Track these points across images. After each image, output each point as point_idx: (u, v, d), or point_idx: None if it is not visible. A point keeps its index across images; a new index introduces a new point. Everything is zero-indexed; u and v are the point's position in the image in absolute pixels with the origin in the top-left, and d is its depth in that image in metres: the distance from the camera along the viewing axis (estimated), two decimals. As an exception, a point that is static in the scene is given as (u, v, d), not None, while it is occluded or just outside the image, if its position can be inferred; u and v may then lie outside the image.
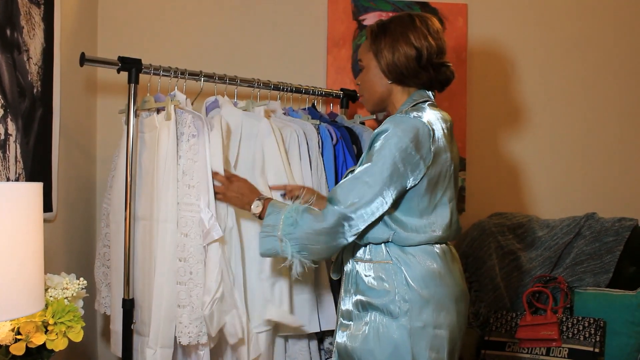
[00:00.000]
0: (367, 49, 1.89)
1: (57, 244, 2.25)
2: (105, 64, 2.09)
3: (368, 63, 1.89)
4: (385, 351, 1.71)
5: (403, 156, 1.70)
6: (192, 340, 1.92)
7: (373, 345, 1.72)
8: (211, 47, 2.80)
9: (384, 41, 1.84)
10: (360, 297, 1.77)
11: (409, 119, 1.73)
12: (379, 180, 1.69)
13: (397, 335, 1.70)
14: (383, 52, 1.84)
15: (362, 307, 1.76)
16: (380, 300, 1.73)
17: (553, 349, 2.45)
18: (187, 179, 1.95)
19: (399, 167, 1.70)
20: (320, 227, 1.71)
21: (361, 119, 2.69)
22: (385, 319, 1.72)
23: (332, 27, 2.92)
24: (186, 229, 1.94)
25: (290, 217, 1.76)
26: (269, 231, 1.78)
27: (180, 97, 2.07)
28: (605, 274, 2.62)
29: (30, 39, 1.98)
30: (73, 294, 1.65)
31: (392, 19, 1.88)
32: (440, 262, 1.78)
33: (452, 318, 1.76)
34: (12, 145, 1.86)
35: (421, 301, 1.72)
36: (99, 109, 2.72)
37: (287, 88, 2.43)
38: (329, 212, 1.71)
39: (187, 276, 1.93)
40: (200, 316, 1.93)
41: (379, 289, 1.74)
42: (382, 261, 1.76)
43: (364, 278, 1.78)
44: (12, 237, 1.33)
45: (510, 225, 2.87)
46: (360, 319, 1.76)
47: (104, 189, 2.65)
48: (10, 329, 1.52)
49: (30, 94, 1.99)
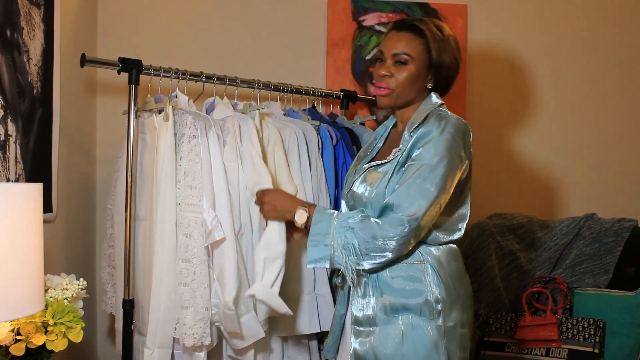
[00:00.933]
0: (421, 45, 1.79)
1: (57, 244, 2.26)
2: (106, 65, 2.10)
3: (418, 60, 1.79)
4: (422, 352, 1.67)
5: (456, 157, 1.69)
6: (196, 341, 1.92)
7: (408, 349, 1.68)
8: (211, 48, 2.80)
9: (444, 45, 1.79)
10: (388, 300, 1.71)
11: (454, 118, 1.73)
12: (439, 185, 1.66)
13: (433, 335, 1.68)
14: (443, 56, 1.79)
15: (392, 310, 1.71)
16: (414, 301, 1.70)
17: (552, 349, 2.45)
18: (189, 180, 1.95)
19: (454, 170, 1.69)
20: (382, 234, 1.64)
21: (361, 119, 2.69)
22: (420, 320, 1.69)
23: (332, 27, 2.92)
24: (189, 229, 1.93)
25: (347, 227, 1.67)
26: (318, 240, 1.70)
27: (182, 98, 2.07)
28: (604, 274, 2.62)
29: (30, 39, 1.98)
30: (73, 294, 1.65)
31: (441, 23, 1.83)
32: (461, 262, 1.80)
33: (471, 317, 1.79)
34: (12, 146, 1.86)
35: (451, 301, 1.71)
36: (99, 109, 2.72)
37: (287, 89, 2.43)
38: (392, 219, 1.64)
39: (190, 277, 1.93)
40: (205, 317, 1.93)
41: (412, 289, 1.70)
42: (415, 261, 1.73)
43: (390, 280, 1.72)
44: (12, 237, 1.33)
45: (510, 226, 2.87)
46: (389, 322, 1.71)
47: (104, 189, 2.65)
48: (10, 329, 1.52)
49: (30, 94, 2.00)
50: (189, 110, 2.04)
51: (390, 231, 1.64)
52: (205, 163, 1.95)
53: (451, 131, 1.70)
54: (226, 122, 2.04)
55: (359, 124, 2.64)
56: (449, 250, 1.78)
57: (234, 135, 2.02)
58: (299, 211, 1.76)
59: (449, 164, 1.68)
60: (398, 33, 1.82)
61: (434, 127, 1.70)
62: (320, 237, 1.69)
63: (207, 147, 1.96)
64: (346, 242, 1.66)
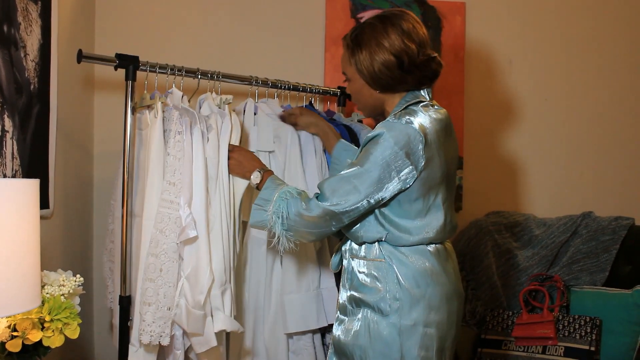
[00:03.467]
0: (348, 62, 1.87)
1: (54, 240, 2.25)
2: (103, 61, 2.09)
3: (352, 75, 1.87)
4: (376, 348, 1.74)
5: (392, 162, 1.70)
6: (153, 340, 1.89)
7: (364, 342, 1.76)
8: (209, 45, 2.80)
9: (361, 54, 1.81)
10: (353, 293, 1.81)
11: (400, 125, 1.72)
12: (366, 185, 1.71)
13: (386, 332, 1.74)
14: (363, 64, 1.81)
15: (355, 304, 1.81)
16: (372, 298, 1.77)
17: (549, 347, 2.46)
18: (169, 176, 1.93)
19: (388, 173, 1.71)
20: (307, 214, 1.76)
21: (359, 116, 2.68)
22: (376, 317, 1.76)
23: (330, 25, 2.91)
24: (162, 225, 1.91)
25: (284, 198, 1.80)
26: (261, 205, 1.84)
27: (176, 94, 2.07)
28: (601, 272, 2.62)
29: (27, 35, 1.98)
30: (69, 290, 1.64)
31: (364, 27, 1.83)
32: (433, 261, 1.78)
33: (442, 316, 1.77)
34: (9, 142, 1.86)
35: (412, 300, 1.74)
36: (96, 105, 2.72)
37: (284, 86, 2.43)
38: (315, 204, 1.75)
39: (156, 273, 1.90)
40: (165, 316, 1.90)
41: (371, 286, 1.78)
42: (375, 259, 1.79)
43: (358, 275, 1.82)
44: (8, 233, 1.32)
45: (507, 224, 2.88)
46: (353, 314, 1.81)
47: (101, 186, 2.65)
48: (7, 325, 1.52)
49: (27, 90, 1.99)
50: (180, 106, 2.03)
51: (310, 212, 1.75)
52: (187, 159, 1.94)
53: (389, 139, 1.70)
54: (210, 119, 2.03)
55: (356, 121, 2.64)
56: (416, 250, 1.78)
57: (216, 132, 2.00)
58: (255, 173, 1.94)
59: (382, 168, 1.70)
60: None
61: (375, 132, 1.73)
62: (263, 202, 1.84)
63: (190, 143, 1.95)
64: (279, 211, 1.80)
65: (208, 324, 1.94)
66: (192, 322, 1.91)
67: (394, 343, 1.73)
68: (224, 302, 1.96)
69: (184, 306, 1.91)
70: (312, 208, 1.75)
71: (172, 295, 1.92)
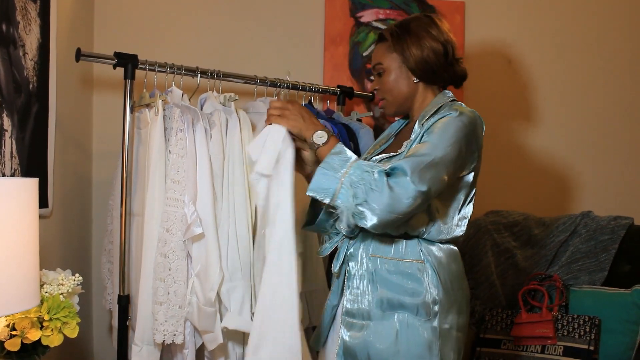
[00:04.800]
0: (388, 50, 1.86)
1: (53, 240, 2.25)
2: (101, 60, 2.09)
3: (390, 64, 1.86)
4: (415, 352, 1.67)
5: (466, 143, 1.71)
6: (166, 338, 1.90)
7: (401, 347, 1.67)
8: (208, 44, 2.79)
9: (409, 39, 1.83)
10: (385, 296, 1.71)
11: (469, 110, 1.77)
12: (446, 161, 1.65)
13: (428, 336, 1.68)
14: (410, 49, 1.82)
15: (389, 306, 1.70)
16: (411, 300, 1.69)
17: (548, 346, 2.46)
18: (172, 174, 1.93)
19: (462, 152, 1.70)
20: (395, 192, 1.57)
21: (358, 115, 2.68)
22: (415, 320, 1.68)
23: (329, 24, 2.91)
24: (168, 224, 1.91)
25: (367, 170, 1.60)
26: (330, 171, 1.62)
27: (176, 93, 2.07)
28: (600, 272, 2.62)
29: (26, 34, 1.97)
30: (68, 290, 1.64)
31: (409, 20, 1.88)
32: (461, 265, 1.80)
33: (465, 320, 1.78)
34: (8, 141, 1.86)
35: (448, 303, 1.71)
36: (95, 104, 2.71)
37: (283, 85, 2.43)
38: (404, 181, 1.58)
39: (166, 272, 1.90)
40: (177, 315, 1.91)
41: (410, 288, 1.70)
42: (415, 260, 1.72)
43: (389, 276, 1.72)
44: (7, 232, 1.32)
45: (506, 223, 2.88)
46: (384, 318, 1.70)
47: (100, 185, 2.65)
48: (5, 324, 1.51)
49: (26, 89, 1.99)
50: (179, 103, 2.03)
51: (397, 192, 1.58)
52: (190, 156, 1.94)
53: (463, 119, 1.72)
54: (213, 116, 2.03)
55: (355, 120, 2.64)
56: (450, 252, 1.77)
57: (219, 129, 2.00)
58: (320, 132, 1.70)
59: (458, 146, 1.69)
60: (374, 47, 1.94)
61: (446, 112, 1.74)
62: (332, 168, 1.62)
63: (192, 140, 1.95)
64: (359, 180, 1.59)
65: (218, 320, 1.95)
66: (203, 319, 1.91)
67: (435, 347, 1.68)
68: (231, 300, 1.96)
69: (195, 304, 1.92)
70: (402, 184, 1.58)
71: (183, 294, 1.92)
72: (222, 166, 1.99)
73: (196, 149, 1.95)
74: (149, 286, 1.93)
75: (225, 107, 2.08)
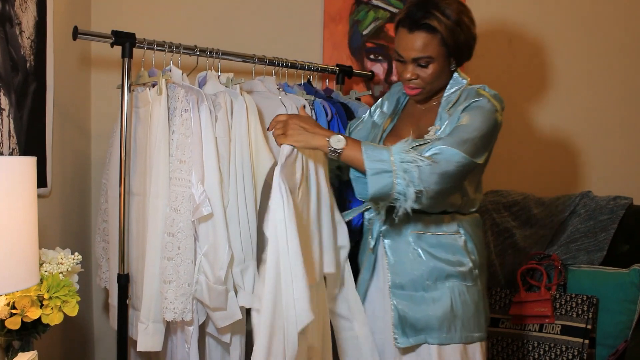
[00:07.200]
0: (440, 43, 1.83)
1: (52, 219, 2.25)
2: (99, 38, 2.07)
3: (439, 57, 1.85)
4: (468, 314, 1.87)
5: (496, 126, 1.86)
6: (176, 316, 1.92)
7: (457, 312, 1.86)
8: (206, 22, 2.77)
9: (462, 33, 1.85)
10: (434, 267, 1.87)
11: (492, 94, 1.88)
12: (485, 141, 1.83)
13: (476, 298, 1.90)
14: (461, 40, 1.86)
15: (439, 277, 1.87)
16: (458, 270, 1.87)
17: (546, 325, 2.47)
18: (179, 154, 1.93)
19: (494, 134, 1.86)
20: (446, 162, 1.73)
21: (357, 94, 2.67)
22: (464, 287, 1.88)
23: (329, 2, 2.89)
24: (176, 203, 1.92)
25: (406, 150, 1.71)
26: (377, 168, 1.68)
27: (175, 72, 2.05)
28: (599, 251, 2.63)
29: (22, 12, 1.95)
30: (68, 268, 1.65)
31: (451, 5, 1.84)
32: (482, 228, 2.02)
33: (487, 276, 2.03)
34: (6, 120, 1.85)
35: (481, 266, 1.94)
36: (93, 83, 2.70)
37: (282, 63, 2.41)
38: (452, 153, 1.74)
39: (174, 251, 1.91)
40: (187, 292, 1.92)
41: (455, 260, 1.88)
42: (453, 233, 1.90)
43: (433, 250, 1.88)
44: (6, 211, 1.32)
45: (506, 203, 2.88)
46: (436, 288, 1.87)
47: (98, 164, 2.64)
48: (6, 303, 1.52)
49: (24, 68, 1.97)
50: (182, 83, 2.01)
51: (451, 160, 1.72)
52: (196, 137, 1.93)
53: (496, 104, 1.85)
54: (218, 97, 2.01)
55: (354, 99, 2.63)
56: (475, 220, 1.98)
57: (225, 111, 1.99)
58: (336, 137, 1.74)
59: (492, 129, 1.84)
60: (411, 34, 1.84)
61: (481, 96, 1.84)
62: (377, 165, 1.69)
63: (198, 121, 1.93)
64: (408, 168, 1.68)
65: (231, 298, 1.96)
66: (215, 297, 1.93)
67: (481, 306, 1.91)
68: (245, 280, 1.99)
69: (204, 282, 1.93)
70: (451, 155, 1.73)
71: (191, 272, 1.94)
72: (228, 148, 1.99)
73: (202, 130, 1.94)
74: (156, 265, 1.94)
75: (230, 89, 2.07)
